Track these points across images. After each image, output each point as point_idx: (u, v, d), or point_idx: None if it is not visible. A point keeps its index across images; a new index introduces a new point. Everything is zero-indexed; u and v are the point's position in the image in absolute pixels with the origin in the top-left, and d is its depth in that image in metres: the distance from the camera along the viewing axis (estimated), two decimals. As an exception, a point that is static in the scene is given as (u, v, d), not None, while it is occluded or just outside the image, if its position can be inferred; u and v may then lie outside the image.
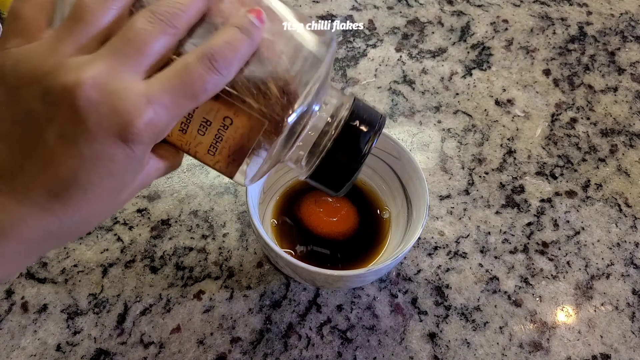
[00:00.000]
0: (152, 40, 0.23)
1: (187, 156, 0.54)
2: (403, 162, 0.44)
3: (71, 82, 0.21)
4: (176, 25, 0.24)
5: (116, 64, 0.22)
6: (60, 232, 0.24)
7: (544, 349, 0.43)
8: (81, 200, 0.23)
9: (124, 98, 0.22)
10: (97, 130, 0.21)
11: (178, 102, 0.23)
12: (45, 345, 0.41)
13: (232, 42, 0.24)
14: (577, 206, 0.52)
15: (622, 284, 0.47)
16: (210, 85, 0.24)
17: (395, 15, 0.67)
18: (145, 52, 0.23)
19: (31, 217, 0.22)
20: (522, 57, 0.64)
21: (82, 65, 0.22)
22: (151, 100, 0.22)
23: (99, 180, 0.23)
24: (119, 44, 0.23)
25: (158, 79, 0.23)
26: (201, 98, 0.24)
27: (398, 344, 0.43)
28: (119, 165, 0.23)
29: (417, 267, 0.47)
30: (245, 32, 0.25)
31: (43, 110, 0.22)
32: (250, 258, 0.46)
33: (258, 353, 0.42)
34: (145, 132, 0.22)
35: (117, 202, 0.25)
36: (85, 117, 0.21)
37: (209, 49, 0.23)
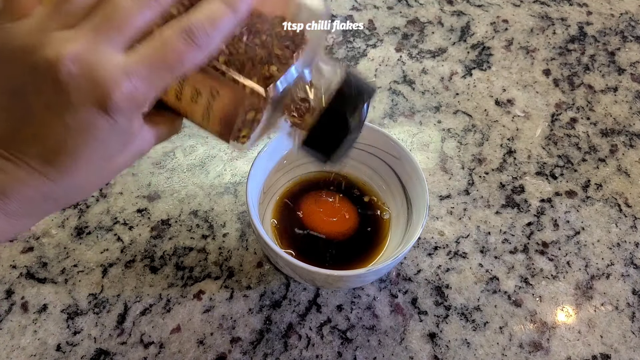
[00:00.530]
0: (132, 15, 0.24)
1: (187, 159, 0.54)
2: (403, 162, 0.44)
3: (53, 56, 0.23)
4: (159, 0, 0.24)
5: (96, 38, 0.23)
6: (58, 196, 0.26)
7: (544, 349, 0.43)
8: (72, 166, 0.25)
9: (102, 70, 0.23)
10: (78, 101, 0.23)
11: (156, 75, 0.24)
12: (45, 345, 0.41)
13: (214, 16, 0.25)
14: (577, 206, 0.52)
15: (622, 284, 0.47)
16: (188, 59, 0.24)
17: (395, 15, 0.67)
18: (124, 27, 0.24)
19: (28, 179, 0.25)
20: (522, 57, 0.64)
21: (64, 40, 0.23)
22: (129, 73, 0.23)
23: (86, 148, 0.24)
24: (99, 19, 0.24)
25: (136, 52, 0.24)
26: (179, 71, 0.25)
27: (398, 344, 0.43)
28: (104, 133, 0.24)
29: (417, 267, 0.47)
30: (230, 5, 0.25)
31: (31, 82, 0.23)
32: (250, 258, 0.46)
33: (258, 353, 0.42)
34: (124, 102, 0.24)
35: (111, 168, 0.27)
36: (66, 89, 0.23)
37: (189, 23, 0.24)
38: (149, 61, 0.24)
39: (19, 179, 0.25)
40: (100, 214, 0.48)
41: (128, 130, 0.26)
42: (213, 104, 0.28)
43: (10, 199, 0.25)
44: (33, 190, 0.25)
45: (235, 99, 0.27)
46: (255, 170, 0.42)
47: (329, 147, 0.32)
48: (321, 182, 0.49)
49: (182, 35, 0.24)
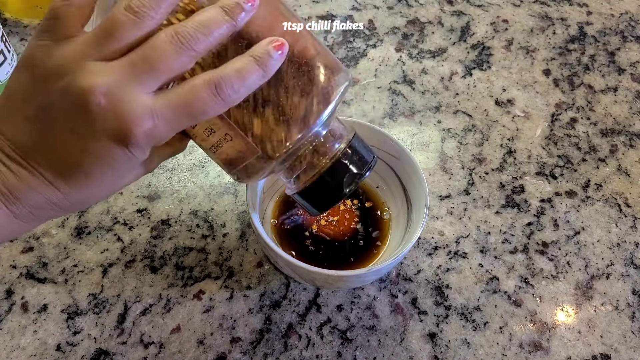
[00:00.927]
0: (167, 60, 0.25)
1: (187, 159, 0.54)
2: (403, 162, 0.44)
3: (86, 86, 0.24)
4: (195, 48, 0.25)
5: (129, 76, 0.24)
6: (63, 205, 0.27)
7: (544, 349, 0.43)
8: (82, 184, 0.26)
9: (129, 108, 0.24)
10: (101, 131, 0.25)
11: (178, 119, 0.25)
12: (45, 345, 0.41)
13: (243, 72, 0.26)
14: (577, 206, 0.52)
15: (622, 284, 0.47)
16: (211, 110, 0.26)
17: (395, 15, 0.67)
18: (158, 69, 0.25)
19: (40, 188, 0.26)
20: (522, 57, 0.64)
21: (100, 72, 0.24)
22: (153, 113, 0.25)
23: (99, 171, 0.26)
24: (136, 58, 0.25)
25: (164, 95, 0.25)
26: (200, 119, 0.26)
27: (398, 344, 0.43)
28: (118, 162, 0.26)
29: (417, 267, 0.47)
30: (260, 64, 0.26)
31: (61, 104, 0.25)
32: (250, 258, 0.46)
33: (258, 353, 0.42)
34: (143, 139, 0.25)
35: (116, 187, 0.29)
36: (93, 119, 0.24)
37: (218, 75, 0.25)
38: (174, 105, 0.25)
39: (32, 186, 0.26)
40: (100, 214, 0.48)
41: (141, 159, 0.27)
42: (223, 144, 0.29)
43: (21, 202, 0.26)
44: (43, 199, 0.26)
45: (244, 151, 0.28)
46: (255, 170, 0.42)
47: (320, 206, 0.33)
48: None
49: (209, 87, 0.25)
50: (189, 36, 0.25)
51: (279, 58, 0.27)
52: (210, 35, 0.25)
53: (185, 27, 0.25)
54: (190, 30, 0.25)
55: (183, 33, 0.25)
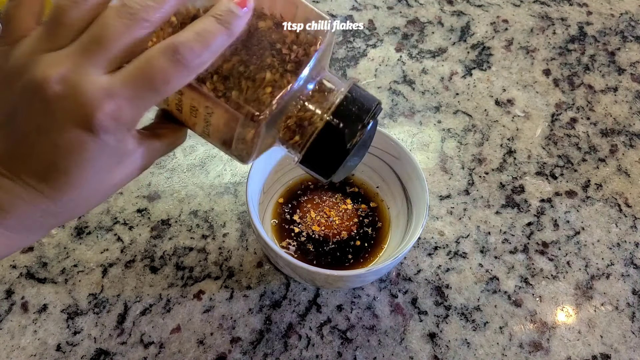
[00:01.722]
0: (120, 36, 0.23)
1: (187, 159, 0.54)
2: (403, 162, 0.44)
3: (40, 78, 0.23)
4: (147, 18, 0.24)
5: (82, 59, 0.23)
6: (56, 212, 0.26)
7: (544, 349, 0.43)
8: (66, 184, 0.25)
9: (86, 91, 0.23)
10: (64, 122, 0.23)
11: (140, 95, 0.24)
12: (45, 345, 0.41)
13: (204, 33, 0.24)
14: (577, 206, 0.52)
15: (622, 284, 0.47)
16: (174, 79, 0.24)
17: (395, 15, 0.67)
18: (109, 47, 0.23)
19: (25, 196, 0.25)
20: (522, 57, 0.64)
21: (52, 62, 0.23)
22: (112, 93, 0.23)
23: (78, 166, 0.24)
24: (86, 40, 0.24)
25: (121, 72, 0.24)
26: (164, 91, 0.24)
27: (398, 344, 0.43)
28: (93, 153, 0.24)
29: (417, 267, 0.47)
30: (222, 22, 0.24)
31: (22, 103, 0.24)
32: (250, 258, 0.46)
33: (258, 353, 0.42)
34: (109, 122, 0.23)
35: (110, 183, 0.27)
36: (53, 110, 0.23)
37: (175, 41, 0.23)
38: (133, 81, 0.23)
39: (17, 195, 0.25)
40: (100, 214, 0.48)
41: (121, 148, 0.25)
42: (210, 120, 0.27)
43: (9, 214, 0.25)
44: (31, 207, 0.25)
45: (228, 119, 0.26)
46: (255, 170, 0.42)
47: (327, 167, 0.30)
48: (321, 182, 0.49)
49: (167, 55, 0.23)
50: (137, 7, 0.23)
51: (244, 15, 0.25)
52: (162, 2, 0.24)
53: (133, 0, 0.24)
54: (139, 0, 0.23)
55: (131, 4, 0.23)
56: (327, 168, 0.30)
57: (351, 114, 0.28)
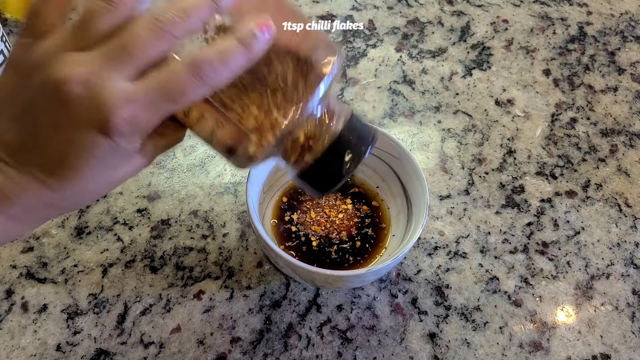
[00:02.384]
0: (145, 46, 0.24)
1: (187, 159, 0.53)
2: (403, 162, 0.44)
3: (62, 76, 0.23)
4: (174, 33, 0.25)
5: (106, 64, 0.24)
6: (58, 204, 0.27)
7: (544, 349, 0.43)
8: (73, 179, 0.26)
9: (106, 95, 0.24)
10: (80, 121, 0.24)
11: (158, 104, 0.25)
12: (45, 345, 0.41)
13: (225, 53, 0.25)
14: (577, 206, 0.52)
15: (622, 284, 0.47)
16: (191, 93, 0.25)
17: (395, 15, 0.67)
18: (135, 56, 0.24)
19: (31, 187, 0.26)
20: (522, 57, 0.64)
21: (75, 62, 0.24)
22: (130, 100, 0.24)
23: (87, 163, 0.25)
24: (113, 45, 0.24)
25: (142, 81, 0.25)
26: (181, 102, 0.25)
27: (398, 344, 0.43)
28: (104, 153, 0.25)
29: (417, 267, 0.47)
30: (244, 44, 0.25)
31: (41, 98, 0.24)
32: (250, 258, 0.46)
33: (258, 353, 0.42)
34: (125, 127, 0.24)
35: (112, 180, 0.28)
36: (71, 110, 0.24)
37: (198, 57, 0.24)
38: (152, 90, 0.24)
39: (22, 185, 0.26)
40: (100, 214, 0.48)
41: (129, 149, 0.26)
42: (217, 131, 0.28)
43: (13, 203, 0.26)
44: (35, 197, 0.26)
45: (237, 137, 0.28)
46: (255, 170, 0.42)
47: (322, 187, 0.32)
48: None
49: (188, 69, 0.24)
50: (167, 21, 0.24)
51: (265, 39, 0.26)
52: (189, 18, 0.25)
53: (163, 13, 0.24)
54: (169, 15, 0.24)
55: (161, 18, 0.24)
56: (320, 189, 0.33)
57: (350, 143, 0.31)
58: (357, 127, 0.31)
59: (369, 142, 0.32)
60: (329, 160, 0.31)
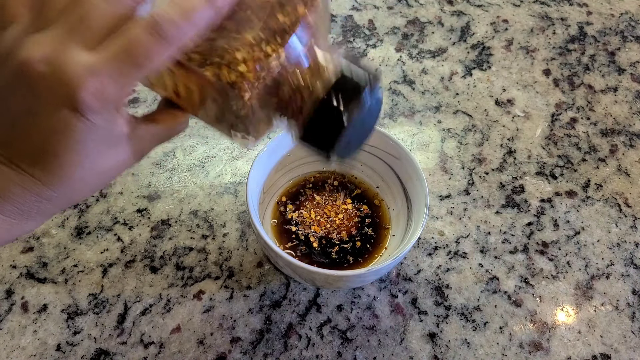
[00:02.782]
0: (100, 14, 0.23)
1: (187, 159, 0.53)
2: (403, 162, 0.44)
3: (24, 58, 0.23)
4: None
5: (64, 39, 0.23)
6: (52, 196, 0.26)
7: (544, 349, 0.43)
8: (58, 167, 0.25)
9: (68, 70, 0.23)
10: (50, 102, 0.23)
11: (123, 72, 0.23)
12: (45, 345, 0.41)
13: (188, 8, 0.23)
14: (577, 206, 0.52)
15: (622, 284, 0.47)
16: (155, 54, 0.23)
17: (395, 15, 0.67)
18: (91, 26, 0.23)
19: (19, 181, 0.25)
20: (522, 57, 0.64)
21: (36, 42, 0.23)
22: (94, 71, 0.23)
23: (67, 148, 0.24)
24: (71, 19, 0.23)
25: (103, 49, 0.23)
26: (147, 67, 0.24)
27: (398, 344, 0.43)
28: (81, 133, 0.24)
29: (417, 267, 0.47)
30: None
31: (12, 86, 0.24)
32: (250, 258, 0.46)
33: (258, 353, 0.42)
34: (94, 101, 0.23)
35: (106, 169, 0.26)
36: (38, 91, 0.23)
37: (159, 16, 0.23)
38: (114, 57, 0.23)
39: (11, 180, 0.25)
40: (100, 214, 0.48)
41: (111, 130, 0.25)
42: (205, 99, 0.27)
43: (4, 199, 0.25)
44: (25, 191, 0.25)
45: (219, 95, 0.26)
46: (255, 170, 0.42)
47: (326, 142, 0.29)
48: (321, 182, 0.49)
49: (148, 30, 0.23)
50: None
51: None
52: None
53: None
54: None
55: None
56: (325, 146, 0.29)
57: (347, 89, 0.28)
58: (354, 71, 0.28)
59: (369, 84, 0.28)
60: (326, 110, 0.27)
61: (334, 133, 0.28)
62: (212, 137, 0.54)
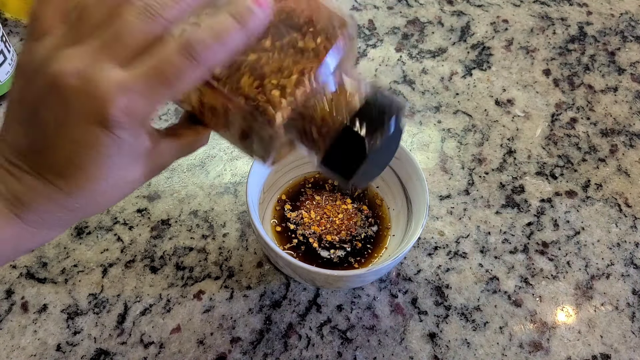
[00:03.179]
0: (135, 32, 0.24)
1: (187, 158, 0.54)
2: (403, 162, 0.44)
3: (57, 71, 0.23)
4: (165, 16, 0.24)
5: (98, 54, 0.23)
6: (74, 207, 0.26)
7: (544, 349, 0.43)
8: (83, 179, 0.25)
9: (100, 86, 0.23)
10: (79, 116, 0.23)
11: (153, 90, 0.24)
12: (45, 345, 0.41)
13: (220, 31, 0.24)
14: (577, 206, 0.52)
15: (622, 284, 0.47)
16: (186, 75, 0.24)
17: (395, 15, 0.67)
18: (126, 43, 0.24)
19: (44, 191, 0.25)
20: (522, 57, 0.64)
21: (69, 56, 0.24)
22: (125, 88, 0.23)
23: (93, 162, 0.25)
24: (104, 35, 0.24)
25: (135, 67, 0.24)
26: (177, 87, 0.24)
27: (398, 344, 0.43)
28: (109, 148, 0.24)
29: (417, 267, 0.47)
30: (239, 20, 0.24)
31: (43, 98, 0.24)
32: (250, 258, 0.46)
33: (258, 353, 0.42)
34: (123, 118, 0.23)
35: (128, 181, 0.27)
36: (69, 104, 0.23)
37: (191, 37, 0.24)
38: (145, 76, 0.24)
39: (36, 190, 0.25)
40: (100, 214, 0.48)
41: (136, 145, 0.26)
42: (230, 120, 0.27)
43: (29, 209, 0.25)
44: (50, 202, 0.25)
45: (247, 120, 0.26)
46: (255, 170, 0.42)
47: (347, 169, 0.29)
48: (321, 181, 0.49)
49: (181, 51, 0.23)
50: (156, 6, 0.24)
51: (262, 14, 0.24)
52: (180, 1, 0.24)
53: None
54: None
55: (151, 3, 0.24)
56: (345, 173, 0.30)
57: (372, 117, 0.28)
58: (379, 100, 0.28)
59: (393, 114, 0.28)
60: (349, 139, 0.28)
61: (356, 161, 0.29)
62: (212, 137, 0.54)
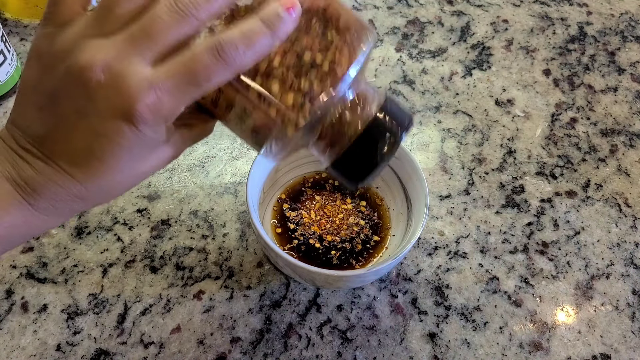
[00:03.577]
0: (167, 30, 0.24)
1: (187, 159, 0.54)
2: (403, 162, 0.44)
3: (85, 63, 0.23)
4: (196, 15, 0.24)
5: (129, 49, 0.23)
6: (84, 195, 0.26)
7: (544, 349, 0.43)
8: (98, 170, 0.25)
9: (129, 81, 0.23)
10: (104, 109, 0.23)
11: (181, 89, 0.24)
12: (45, 345, 0.41)
13: (249, 34, 0.24)
14: (577, 206, 0.52)
15: (622, 284, 0.47)
16: (215, 75, 0.24)
17: (395, 15, 0.67)
18: (158, 39, 0.24)
19: (58, 179, 0.25)
20: (522, 57, 0.64)
21: (98, 48, 0.23)
22: (154, 85, 0.23)
23: (112, 154, 0.25)
24: (135, 30, 0.24)
25: (165, 65, 0.24)
26: (205, 87, 0.24)
27: (398, 344, 0.43)
28: (129, 142, 0.24)
29: (417, 267, 0.47)
30: (268, 25, 0.24)
31: (65, 86, 0.24)
32: (250, 258, 0.46)
33: (258, 353, 0.42)
34: (148, 114, 0.24)
35: (139, 172, 0.27)
36: (95, 97, 0.23)
37: (221, 39, 0.24)
38: (175, 74, 0.24)
39: (49, 177, 0.25)
40: (100, 214, 0.48)
41: (155, 139, 0.26)
42: (245, 119, 0.27)
43: (40, 195, 0.25)
44: (62, 190, 0.25)
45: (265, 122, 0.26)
46: (255, 170, 0.42)
47: (357, 175, 0.30)
48: (321, 181, 0.49)
49: (211, 52, 0.24)
50: (188, 3, 0.24)
51: (290, 20, 0.25)
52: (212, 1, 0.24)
53: None
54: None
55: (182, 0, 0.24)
56: (355, 178, 0.31)
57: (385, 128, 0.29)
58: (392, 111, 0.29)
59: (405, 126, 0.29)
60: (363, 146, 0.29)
61: (368, 168, 0.30)
62: (212, 137, 0.54)
